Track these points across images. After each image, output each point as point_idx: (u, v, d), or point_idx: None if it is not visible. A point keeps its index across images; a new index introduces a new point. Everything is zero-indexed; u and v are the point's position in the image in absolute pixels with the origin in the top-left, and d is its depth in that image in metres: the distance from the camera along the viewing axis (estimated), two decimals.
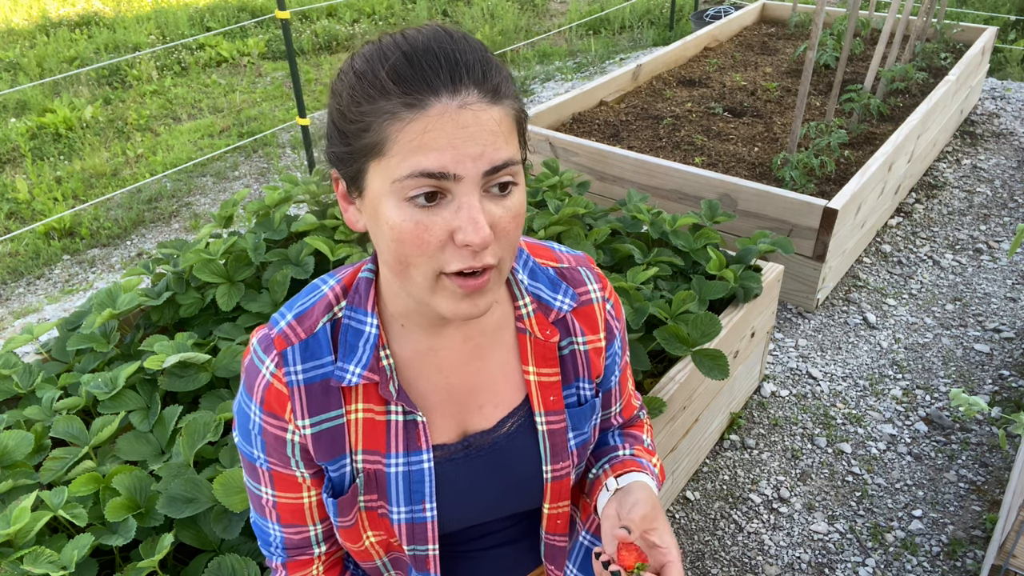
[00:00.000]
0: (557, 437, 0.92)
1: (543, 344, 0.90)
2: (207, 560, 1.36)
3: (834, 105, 3.52)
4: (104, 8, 7.75)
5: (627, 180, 3.24)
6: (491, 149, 0.70)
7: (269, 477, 0.89)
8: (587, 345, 0.93)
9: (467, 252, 0.71)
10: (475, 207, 0.69)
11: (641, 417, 1.13)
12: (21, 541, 1.28)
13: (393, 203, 0.71)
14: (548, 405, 0.91)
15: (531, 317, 0.90)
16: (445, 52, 0.70)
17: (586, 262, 0.97)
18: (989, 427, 2.42)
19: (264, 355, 0.84)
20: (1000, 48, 5.62)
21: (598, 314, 0.94)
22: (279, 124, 5.10)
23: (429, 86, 0.68)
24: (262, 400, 0.84)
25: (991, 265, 3.22)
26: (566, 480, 0.95)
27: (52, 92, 5.70)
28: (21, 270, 3.67)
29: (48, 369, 1.88)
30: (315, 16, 7.42)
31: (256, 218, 2.36)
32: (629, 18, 7.08)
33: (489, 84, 0.71)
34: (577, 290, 0.93)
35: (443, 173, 0.68)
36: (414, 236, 0.70)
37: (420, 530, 0.89)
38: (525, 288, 0.90)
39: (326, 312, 0.85)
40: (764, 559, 2.02)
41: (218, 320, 2.02)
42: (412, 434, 0.87)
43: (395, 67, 0.69)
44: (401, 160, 0.69)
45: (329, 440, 0.85)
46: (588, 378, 0.94)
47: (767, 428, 2.44)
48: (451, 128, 0.68)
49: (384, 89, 0.69)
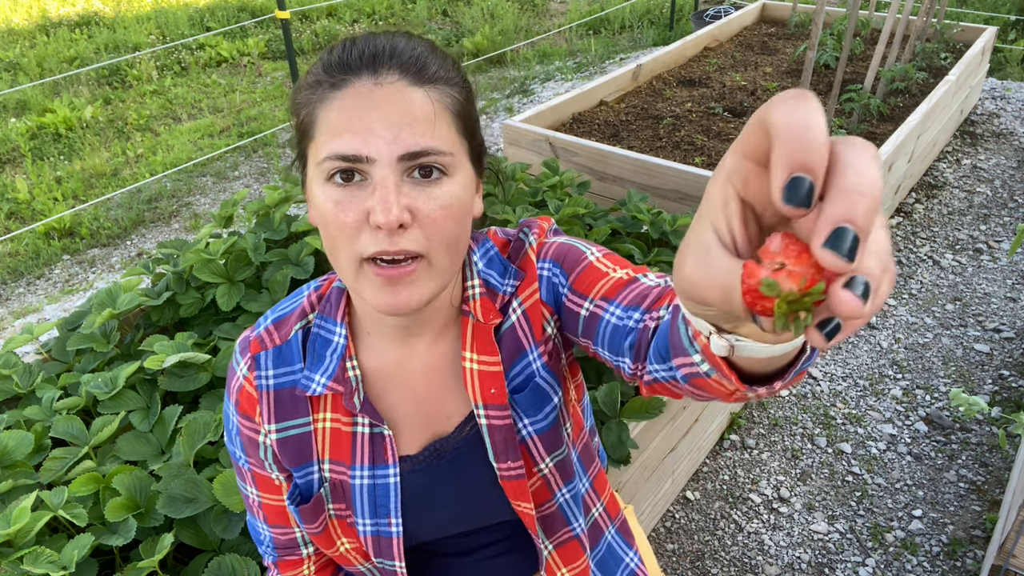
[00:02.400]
0: (500, 433, 0.84)
1: (482, 327, 0.83)
2: (207, 560, 1.36)
3: (834, 105, 3.52)
4: (104, 8, 7.75)
5: (627, 180, 3.24)
6: (408, 133, 0.69)
7: (252, 477, 0.89)
8: (524, 304, 0.84)
9: (382, 235, 0.69)
10: (388, 188, 0.69)
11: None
12: (21, 541, 1.28)
13: (319, 185, 0.72)
14: (488, 398, 0.83)
15: (476, 300, 0.84)
16: (378, 41, 0.73)
17: (532, 221, 0.89)
18: (989, 427, 2.42)
19: (240, 357, 0.85)
20: (1000, 48, 5.62)
21: (532, 258, 0.85)
22: (279, 124, 5.10)
23: (350, 68, 0.71)
24: (236, 402, 0.85)
25: (991, 265, 3.22)
26: (521, 482, 0.85)
27: (52, 92, 5.70)
28: (21, 270, 3.67)
29: (48, 369, 1.88)
30: (315, 16, 7.42)
31: (256, 218, 2.36)
32: (629, 18, 7.08)
33: (414, 66, 0.71)
34: (518, 255, 0.86)
35: (356, 156, 0.69)
36: (334, 217, 0.70)
37: (386, 544, 0.87)
38: (477, 271, 0.85)
39: (300, 319, 0.85)
40: (764, 559, 2.02)
41: (218, 320, 2.02)
42: (378, 447, 0.85)
43: (328, 56, 0.74)
44: (323, 143, 0.71)
45: (295, 447, 0.84)
46: (535, 342, 0.84)
47: (767, 428, 2.44)
48: (363, 104, 0.69)
49: (317, 76, 0.73)
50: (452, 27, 7.06)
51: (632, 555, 1.07)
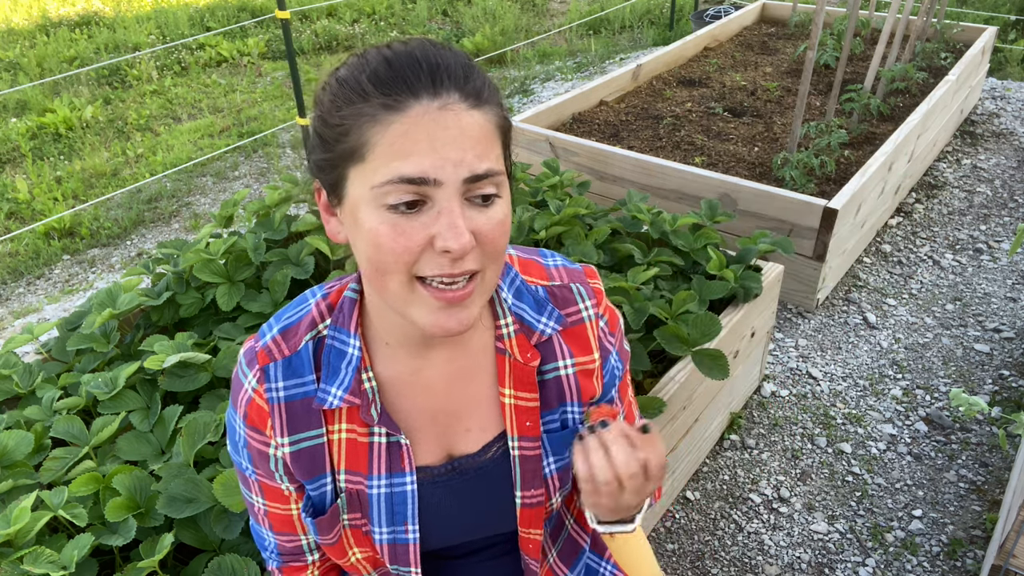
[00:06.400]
0: (530, 464, 0.88)
1: (522, 367, 0.86)
2: (207, 560, 1.36)
3: (834, 105, 3.52)
4: (104, 8, 7.75)
5: (627, 180, 3.24)
6: (472, 155, 0.68)
7: (259, 487, 0.88)
8: (576, 368, 0.89)
9: (446, 259, 0.69)
10: (455, 212, 0.68)
11: None
12: (21, 541, 1.28)
13: (372, 209, 0.69)
14: (523, 430, 0.87)
15: (512, 338, 0.86)
16: (426, 56, 0.70)
17: (580, 277, 0.91)
18: (989, 427, 2.42)
19: (248, 369, 0.83)
20: (1000, 48, 5.62)
21: (590, 333, 0.89)
22: (279, 124, 5.10)
23: (409, 87, 0.68)
24: (245, 415, 0.83)
25: (991, 265, 3.22)
26: (539, 509, 0.91)
27: (52, 92, 5.70)
28: (21, 270, 3.67)
29: (48, 369, 1.88)
30: (315, 16, 7.42)
31: (256, 218, 2.36)
32: (629, 18, 7.08)
33: (471, 87, 0.70)
34: (567, 310, 0.88)
35: (423, 179, 0.67)
36: (391, 241, 0.68)
37: (402, 551, 0.88)
38: (508, 307, 0.86)
39: (310, 329, 0.84)
40: (764, 559, 2.02)
41: (218, 320, 2.02)
42: (395, 456, 0.85)
43: (376, 71, 0.69)
44: (381, 165, 0.68)
45: (308, 459, 0.84)
46: (578, 401, 0.90)
47: (767, 428, 2.44)
48: (431, 129, 0.67)
49: (364, 92, 0.69)
50: (452, 27, 7.06)
51: (605, 564, 1.08)
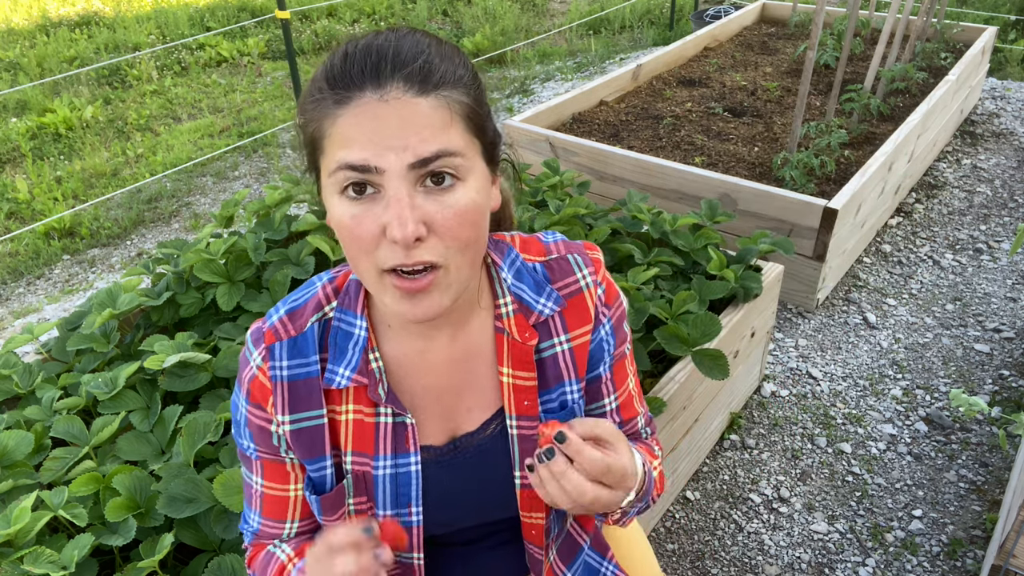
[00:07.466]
0: (528, 443, 0.89)
1: (520, 347, 0.87)
2: (207, 560, 1.36)
3: (834, 105, 3.52)
4: (104, 8, 7.75)
5: (627, 180, 3.24)
6: (416, 140, 0.69)
7: (259, 466, 0.90)
8: (572, 342, 0.89)
9: (399, 248, 0.70)
10: (402, 201, 0.69)
11: (644, 437, 1.03)
12: (21, 541, 1.28)
13: (335, 198, 0.73)
14: (521, 409, 0.88)
15: (510, 317, 0.87)
16: (380, 48, 0.72)
17: (579, 248, 0.92)
18: (989, 427, 2.42)
19: (253, 348, 0.86)
20: (1000, 48, 5.62)
21: (589, 301, 0.89)
22: (279, 124, 5.10)
23: (354, 81, 0.71)
24: (248, 392, 0.85)
25: (991, 265, 3.22)
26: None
27: (52, 92, 5.70)
28: (21, 270, 3.67)
29: (48, 369, 1.88)
30: (315, 16, 7.42)
31: (256, 218, 2.36)
32: (629, 18, 7.08)
33: (419, 75, 0.71)
34: (564, 281, 0.89)
35: (364, 166, 0.69)
36: (350, 231, 0.72)
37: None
38: (508, 287, 0.88)
39: (316, 311, 0.86)
40: (764, 559, 2.02)
41: (218, 320, 2.02)
42: (400, 436, 0.86)
43: (331, 67, 0.73)
44: (331, 155, 0.72)
45: (308, 439, 0.85)
46: (576, 379, 0.90)
47: (767, 428, 2.44)
48: (370, 121, 0.69)
49: (321, 88, 0.73)
50: (452, 27, 7.06)
51: (607, 564, 1.07)
